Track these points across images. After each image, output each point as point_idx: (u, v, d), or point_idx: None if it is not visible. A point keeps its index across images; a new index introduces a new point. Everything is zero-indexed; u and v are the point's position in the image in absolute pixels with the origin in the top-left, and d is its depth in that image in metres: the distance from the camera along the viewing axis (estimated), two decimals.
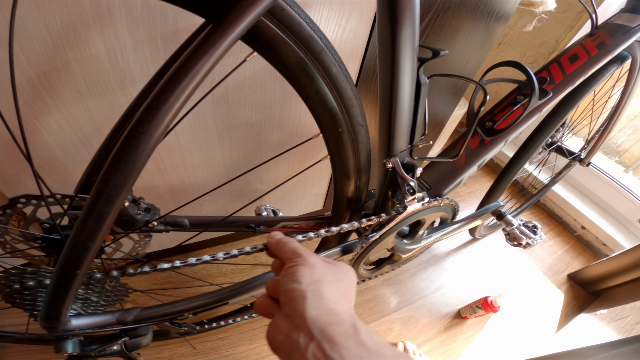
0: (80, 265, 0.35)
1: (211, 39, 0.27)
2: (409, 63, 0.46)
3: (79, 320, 0.46)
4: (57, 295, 0.39)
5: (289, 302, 0.32)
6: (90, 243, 0.33)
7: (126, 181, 0.29)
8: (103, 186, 0.29)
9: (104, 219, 0.31)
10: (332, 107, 0.45)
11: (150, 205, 0.56)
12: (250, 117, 0.73)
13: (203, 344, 1.03)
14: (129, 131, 0.28)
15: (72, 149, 0.63)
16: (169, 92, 0.27)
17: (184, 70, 0.27)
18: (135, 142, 0.27)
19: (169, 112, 0.27)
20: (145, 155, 0.29)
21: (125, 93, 0.58)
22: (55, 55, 0.49)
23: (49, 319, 0.41)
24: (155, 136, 0.28)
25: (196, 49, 0.27)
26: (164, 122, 0.28)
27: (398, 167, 0.56)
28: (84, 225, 0.32)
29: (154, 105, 0.27)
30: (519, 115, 0.68)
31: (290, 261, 0.36)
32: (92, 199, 0.30)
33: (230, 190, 0.91)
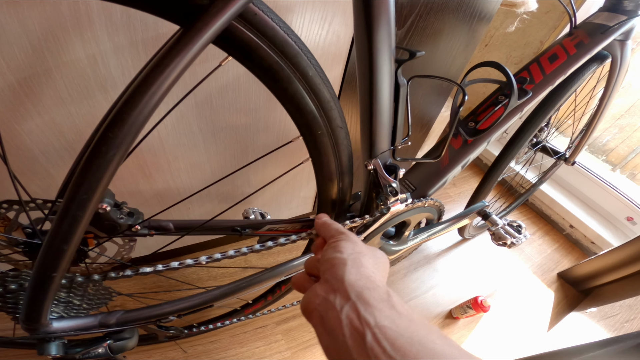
0: (56, 267, 0.35)
1: (180, 44, 0.28)
2: (386, 65, 0.47)
3: (61, 323, 0.46)
4: (36, 298, 0.39)
5: (329, 269, 0.34)
6: (65, 246, 0.33)
7: (98, 185, 0.30)
8: (76, 190, 0.30)
9: (78, 222, 0.31)
10: (310, 110, 0.45)
11: (133, 209, 0.56)
12: (235, 120, 0.73)
13: (194, 347, 1.03)
14: (99, 136, 0.28)
15: (55, 154, 0.63)
16: (138, 97, 0.27)
17: (152, 76, 0.27)
18: (105, 147, 0.28)
19: (138, 118, 0.28)
20: (117, 159, 0.29)
21: (107, 98, 0.58)
22: (35, 61, 0.49)
23: (29, 321, 0.42)
24: (126, 142, 0.28)
25: (165, 54, 0.28)
26: (134, 128, 0.28)
27: (379, 168, 0.56)
28: (59, 229, 0.32)
29: (123, 111, 0.27)
30: (500, 115, 0.69)
31: (334, 238, 0.40)
32: (65, 203, 0.30)
33: (218, 194, 0.91)
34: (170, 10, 0.30)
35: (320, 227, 0.45)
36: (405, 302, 1.00)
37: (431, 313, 1.23)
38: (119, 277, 0.46)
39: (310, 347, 1.08)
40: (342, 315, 0.28)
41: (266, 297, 0.93)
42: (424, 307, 1.25)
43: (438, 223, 0.84)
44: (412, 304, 1.25)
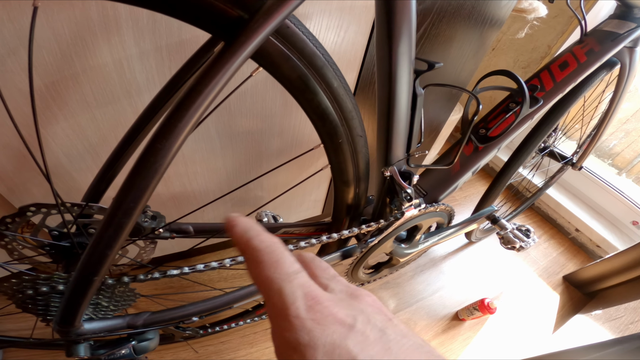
0: (98, 271, 0.37)
1: (224, 58, 0.29)
2: (406, 76, 0.49)
3: (92, 325, 0.47)
4: (74, 300, 0.40)
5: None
6: (108, 251, 0.34)
7: (144, 194, 0.31)
8: (123, 198, 0.31)
9: (122, 228, 0.33)
10: (333, 119, 0.47)
11: (156, 212, 0.58)
12: (252, 125, 0.75)
13: (205, 347, 1.04)
14: (147, 148, 0.29)
15: (78, 157, 0.65)
16: (185, 110, 0.29)
17: (199, 89, 0.29)
18: (153, 158, 0.29)
19: (184, 129, 0.29)
20: (162, 170, 0.31)
21: (131, 103, 0.60)
22: (63, 65, 0.50)
23: (63, 324, 0.43)
24: (172, 152, 0.30)
25: (210, 68, 0.29)
26: (180, 139, 0.30)
27: (396, 175, 0.58)
28: (104, 234, 0.33)
29: (171, 123, 0.29)
30: (511, 123, 0.70)
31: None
32: (112, 210, 0.32)
33: (232, 197, 0.93)
34: (211, 23, 0.32)
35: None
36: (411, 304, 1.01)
37: (438, 315, 1.25)
38: (148, 279, 0.48)
39: None
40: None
41: None
42: (431, 309, 1.26)
43: (448, 227, 0.85)
44: (419, 306, 1.26)
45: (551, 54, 1.48)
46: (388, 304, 1.24)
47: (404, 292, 1.29)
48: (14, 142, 0.57)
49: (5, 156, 0.59)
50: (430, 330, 1.20)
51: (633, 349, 0.85)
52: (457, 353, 1.16)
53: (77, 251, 0.53)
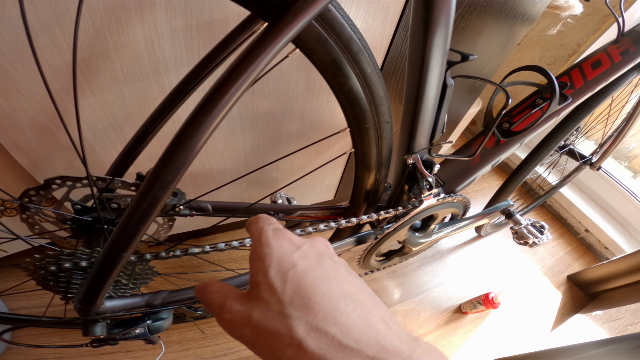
0: (127, 247, 0.36)
1: (268, 38, 0.29)
2: (438, 65, 0.48)
3: (112, 303, 0.47)
4: (100, 277, 0.39)
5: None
6: (141, 225, 0.34)
7: (181, 167, 0.31)
8: (160, 171, 0.31)
9: (157, 202, 0.33)
10: (362, 104, 0.47)
11: (177, 189, 0.59)
12: (273, 107, 0.74)
13: (212, 328, 1.06)
14: (189, 120, 0.30)
15: (102, 132, 0.65)
16: (229, 86, 0.29)
17: (243, 66, 0.29)
18: (194, 131, 0.29)
19: (227, 105, 0.30)
20: (201, 143, 0.31)
21: (159, 81, 0.60)
22: (95, 41, 0.50)
23: (86, 302, 0.42)
24: (212, 126, 0.30)
25: (254, 47, 0.29)
26: (222, 114, 0.30)
27: (419, 163, 0.58)
28: (138, 208, 0.33)
29: (215, 97, 0.29)
30: (537, 119, 0.69)
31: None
32: (148, 182, 0.32)
33: (247, 177, 0.93)
34: (256, 2, 0.31)
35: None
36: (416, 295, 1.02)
37: (441, 307, 1.26)
38: (170, 257, 0.48)
39: None
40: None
41: None
42: (435, 301, 1.27)
43: (462, 219, 0.85)
44: (423, 297, 1.27)
45: (580, 52, 1.44)
46: (393, 293, 1.26)
47: (409, 282, 1.30)
48: (40, 115, 0.58)
49: (31, 129, 0.59)
50: (433, 322, 1.22)
51: (631, 348, 0.85)
52: (457, 345, 1.18)
53: (99, 226, 0.53)
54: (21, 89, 0.53)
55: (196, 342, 1.03)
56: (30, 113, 0.57)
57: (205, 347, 1.03)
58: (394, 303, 1.22)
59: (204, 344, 1.03)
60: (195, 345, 1.03)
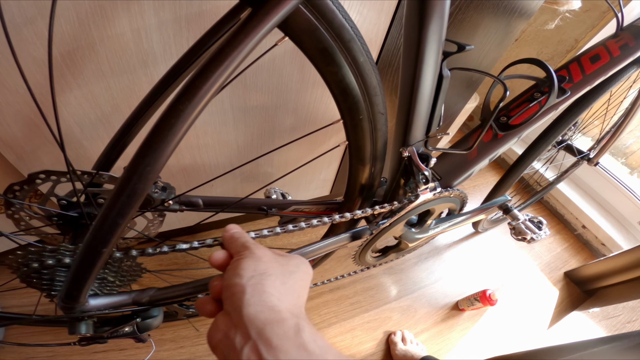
0: (107, 242, 0.35)
1: (252, 23, 0.28)
2: (434, 56, 0.47)
3: (96, 301, 0.46)
4: (81, 274, 0.38)
5: (229, 298, 0.29)
6: (120, 220, 0.33)
7: (161, 158, 0.30)
8: (139, 162, 0.30)
9: (137, 195, 0.31)
10: (355, 94, 0.45)
11: (166, 184, 0.57)
12: (266, 100, 0.73)
13: (205, 326, 1.05)
14: (168, 108, 0.28)
15: (90, 126, 0.64)
16: (211, 72, 0.28)
17: (225, 52, 0.27)
18: (174, 120, 0.28)
19: (208, 93, 0.28)
20: (182, 132, 0.29)
21: (147, 73, 0.58)
22: (80, 34, 0.49)
23: (68, 299, 0.40)
24: (194, 114, 0.29)
25: (237, 33, 0.28)
26: (203, 102, 0.28)
27: (414, 156, 0.56)
28: (117, 201, 0.32)
29: (196, 84, 0.27)
30: (535, 112, 0.68)
31: (236, 255, 0.34)
32: (126, 174, 0.30)
33: (241, 172, 0.92)
34: None
35: (227, 242, 0.37)
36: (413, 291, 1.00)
37: (438, 303, 1.25)
38: (156, 253, 0.46)
39: (319, 330, 1.11)
40: (242, 357, 0.24)
41: None
42: (432, 297, 1.26)
43: (459, 214, 0.84)
44: (420, 294, 1.27)
45: (578, 48, 1.43)
46: (390, 290, 1.25)
47: (406, 279, 1.29)
48: (25, 109, 0.56)
49: (16, 124, 0.58)
50: (430, 319, 1.21)
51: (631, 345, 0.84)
52: (454, 342, 1.18)
53: (86, 222, 0.52)
54: (5, 82, 0.52)
55: (190, 340, 1.02)
56: (14, 107, 0.56)
57: (199, 345, 1.02)
58: (390, 300, 1.22)
59: (198, 341, 1.03)
60: (190, 343, 1.02)
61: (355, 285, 1.22)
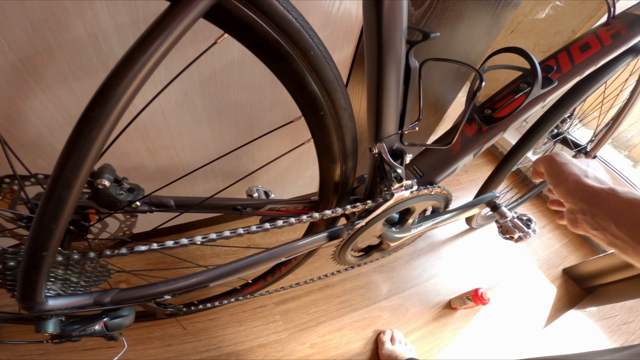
0: (46, 246, 0.35)
1: (167, 19, 0.26)
2: (397, 45, 0.44)
3: (57, 301, 0.46)
4: (29, 277, 0.39)
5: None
6: (53, 225, 0.33)
7: (83, 164, 0.29)
8: (60, 169, 0.29)
9: (64, 201, 0.31)
10: (312, 89, 0.43)
11: (134, 185, 0.56)
12: (241, 98, 0.71)
13: (193, 324, 1.06)
14: (81, 116, 0.27)
15: (59, 129, 0.64)
16: (122, 75, 0.26)
17: (137, 53, 0.26)
18: (87, 128, 0.27)
19: (122, 97, 0.27)
20: (101, 139, 0.28)
21: None
22: (36, 40, 0.49)
23: (24, 300, 0.42)
24: (109, 121, 0.27)
25: (151, 31, 0.26)
26: (118, 107, 0.27)
27: (384, 152, 0.54)
28: (46, 209, 0.32)
29: (105, 90, 0.26)
30: (520, 104, 0.65)
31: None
32: (51, 182, 0.30)
33: (222, 171, 0.91)
34: None
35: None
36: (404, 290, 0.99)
37: (430, 302, 1.23)
38: (115, 255, 0.46)
39: (307, 329, 1.10)
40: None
41: (266, 278, 0.94)
42: (424, 296, 1.24)
43: (444, 212, 0.82)
44: (412, 292, 1.25)
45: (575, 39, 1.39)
46: (381, 288, 1.23)
47: (398, 277, 1.27)
48: None
49: None
50: (421, 318, 1.19)
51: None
52: (446, 342, 1.16)
53: None
54: None
55: (178, 338, 1.03)
56: None
57: (187, 343, 1.02)
58: (381, 298, 1.20)
59: (185, 339, 1.03)
60: (177, 341, 1.02)
61: (345, 283, 1.21)
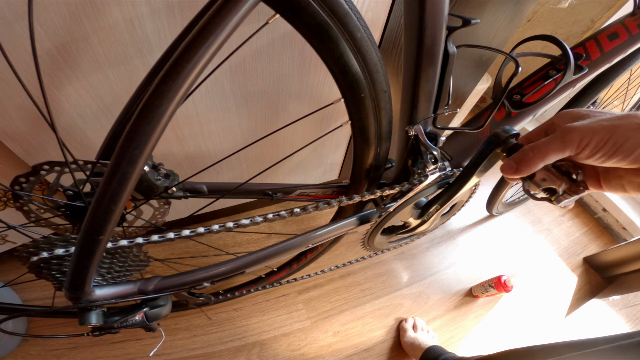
0: (103, 230, 0.34)
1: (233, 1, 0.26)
2: (438, 31, 0.44)
3: (102, 291, 0.46)
4: (81, 263, 0.38)
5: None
6: (113, 206, 0.32)
7: (149, 140, 0.29)
8: (127, 145, 0.29)
9: (127, 179, 0.31)
10: (355, 71, 0.43)
11: (169, 171, 0.57)
12: (268, 85, 0.72)
13: (218, 314, 1.07)
14: (152, 90, 0.27)
15: (92, 117, 0.64)
16: (193, 50, 0.26)
17: (209, 29, 0.26)
18: (158, 100, 0.27)
19: (192, 71, 0.27)
20: (168, 114, 0.28)
21: (144, 62, 0.58)
22: (73, 27, 0.49)
23: (73, 289, 0.41)
24: (178, 95, 0.28)
25: (220, 9, 0.26)
26: (187, 81, 0.27)
27: (421, 134, 0.54)
28: (108, 187, 0.31)
29: (179, 63, 0.26)
30: (550, 90, 0.65)
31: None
32: (115, 159, 0.30)
33: (247, 158, 0.92)
34: None
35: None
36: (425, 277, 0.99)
37: (451, 290, 1.23)
38: (163, 240, 0.46)
39: (330, 317, 1.11)
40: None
41: (291, 266, 0.95)
42: (445, 283, 1.24)
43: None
44: (433, 280, 1.25)
45: (594, 29, 1.37)
46: (402, 276, 1.24)
47: (418, 264, 1.28)
48: (26, 103, 0.57)
49: (19, 117, 0.59)
50: (443, 306, 1.19)
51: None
52: (468, 330, 1.16)
53: None
54: (4, 76, 0.52)
55: (203, 329, 1.04)
56: (16, 101, 0.56)
57: (212, 334, 1.04)
58: (402, 286, 1.20)
59: (210, 330, 1.04)
60: (203, 331, 1.04)
61: (366, 271, 1.22)
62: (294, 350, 1.04)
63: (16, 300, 0.98)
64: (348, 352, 1.05)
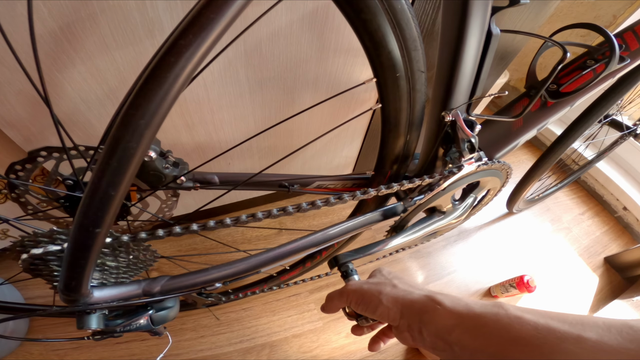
0: (101, 221, 0.28)
1: None
2: (482, 9, 0.39)
3: (102, 292, 0.40)
4: (76, 262, 0.32)
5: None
6: (112, 191, 0.26)
7: (158, 109, 0.24)
8: (131, 114, 0.23)
9: (130, 157, 0.25)
10: (392, 48, 0.38)
11: (178, 159, 0.52)
12: (284, 70, 0.67)
13: (226, 314, 1.03)
14: (156, 62, 0.23)
15: (97, 103, 0.60)
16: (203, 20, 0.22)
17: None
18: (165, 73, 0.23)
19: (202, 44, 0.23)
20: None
21: (154, 43, 0.54)
22: (79, 4, 0.45)
23: (68, 291, 0.35)
24: (187, 69, 0.23)
25: None
26: (197, 54, 0.23)
27: (459, 120, 0.49)
28: (106, 167, 0.25)
29: (188, 30, 0.22)
30: (589, 80, 0.62)
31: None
32: (116, 132, 0.24)
33: (260, 149, 0.87)
34: None
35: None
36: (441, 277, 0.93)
37: (469, 290, 1.19)
38: (168, 234, 0.41)
39: (342, 317, 1.06)
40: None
41: (305, 264, 0.90)
42: (462, 283, 1.20)
43: None
44: (450, 279, 1.20)
45: (617, 24, 1.32)
46: (417, 275, 1.19)
47: (434, 263, 1.23)
48: (26, 88, 0.54)
49: (19, 104, 0.56)
50: None
51: None
52: None
53: None
54: (3, 60, 0.49)
55: (211, 329, 1.01)
56: (16, 86, 0.53)
57: (220, 335, 1.00)
58: None
59: (219, 330, 1.00)
60: (210, 332, 1.00)
61: None
62: (305, 352, 0.99)
63: (18, 297, 0.94)
64: (362, 354, 1.01)
